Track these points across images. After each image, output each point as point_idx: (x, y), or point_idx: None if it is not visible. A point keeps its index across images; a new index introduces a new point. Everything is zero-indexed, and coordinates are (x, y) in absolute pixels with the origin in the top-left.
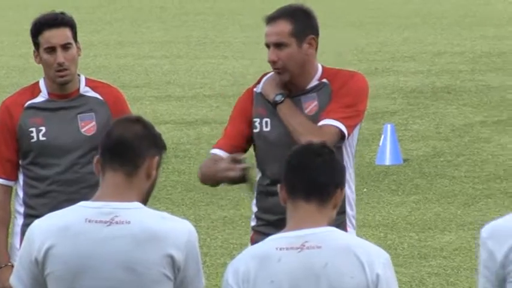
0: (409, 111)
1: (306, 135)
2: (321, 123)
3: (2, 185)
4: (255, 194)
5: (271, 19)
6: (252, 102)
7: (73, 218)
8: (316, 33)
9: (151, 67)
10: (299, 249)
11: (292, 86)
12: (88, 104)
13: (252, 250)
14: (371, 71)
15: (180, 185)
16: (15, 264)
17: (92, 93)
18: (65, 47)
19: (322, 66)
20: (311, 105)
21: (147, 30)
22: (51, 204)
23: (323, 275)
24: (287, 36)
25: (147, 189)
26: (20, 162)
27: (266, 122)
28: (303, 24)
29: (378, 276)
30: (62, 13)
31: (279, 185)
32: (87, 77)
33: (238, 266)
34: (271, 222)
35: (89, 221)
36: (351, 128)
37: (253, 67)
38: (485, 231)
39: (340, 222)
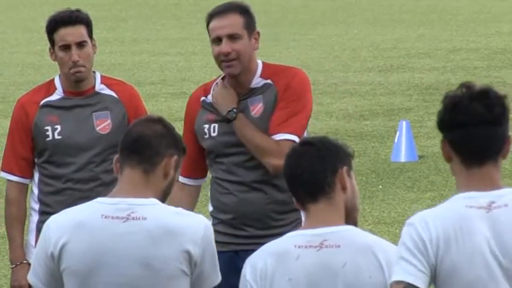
0: (425, 107)
1: (267, 157)
2: (276, 137)
3: (17, 182)
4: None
5: (219, 13)
6: (197, 113)
7: (89, 214)
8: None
9: (167, 64)
10: (318, 248)
11: (237, 83)
12: (103, 102)
13: (270, 246)
14: (386, 67)
15: None
16: (32, 260)
17: (107, 91)
18: (80, 44)
19: (262, 63)
20: (257, 107)
21: (162, 27)
22: (66, 201)
23: (341, 274)
24: (241, 28)
25: (164, 189)
26: (36, 160)
27: (214, 127)
28: (251, 18)
29: None
30: (78, 10)
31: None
32: (103, 74)
33: (256, 262)
34: (223, 221)
35: (105, 217)
36: (303, 132)
37: None
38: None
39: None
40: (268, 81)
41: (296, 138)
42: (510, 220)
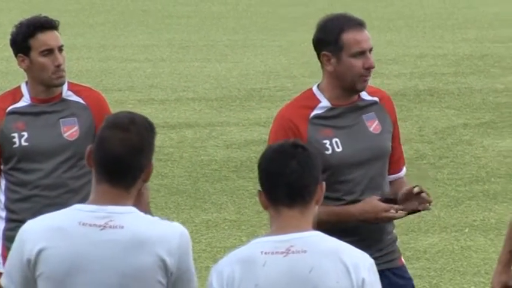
0: None
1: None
2: (402, 174)
3: None
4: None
5: (361, 25)
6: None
7: (67, 221)
8: None
9: (134, 70)
10: (284, 254)
11: (350, 97)
12: (70, 108)
13: (237, 254)
14: None
15: (164, 189)
16: (6, 264)
17: (74, 98)
18: (60, 49)
19: None
20: (374, 124)
21: (129, 34)
22: (33, 208)
23: (308, 279)
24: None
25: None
26: (2, 167)
27: (336, 143)
28: None
29: (363, 280)
30: (47, 17)
31: (258, 191)
32: (70, 80)
33: (223, 269)
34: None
35: (83, 224)
36: None
37: (236, 70)
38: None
39: (395, 238)
40: (375, 99)
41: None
42: None
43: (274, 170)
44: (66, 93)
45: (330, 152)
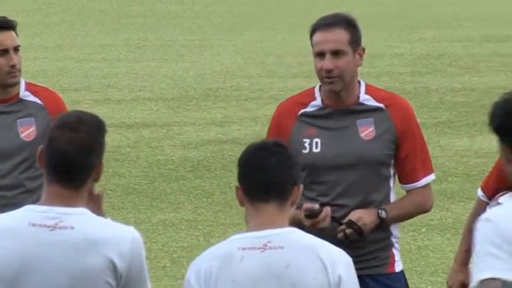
0: None
1: (424, 211)
2: (421, 183)
3: None
4: None
5: (325, 26)
6: (293, 126)
7: (17, 221)
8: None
9: (91, 70)
10: (261, 250)
11: (338, 98)
12: (27, 108)
13: (214, 250)
14: (311, 73)
15: (120, 189)
16: None
17: (31, 98)
18: (16, 49)
19: (364, 82)
20: (367, 130)
21: (86, 34)
22: None
23: (285, 275)
24: (345, 45)
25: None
26: None
27: (316, 143)
28: (356, 34)
29: (339, 277)
30: (4, 17)
31: (235, 186)
32: (27, 81)
33: (200, 265)
34: None
35: (33, 225)
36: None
37: (193, 70)
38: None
39: (384, 246)
40: (381, 105)
41: (433, 175)
42: None
43: (254, 165)
44: (24, 94)
45: (307, 151)
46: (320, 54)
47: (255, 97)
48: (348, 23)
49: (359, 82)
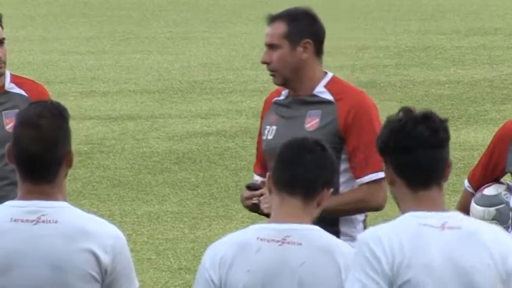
0: None
1: (367, 208)
2: (364, 180)
3: None
4: None
5: (270, 19)
6: (266, 112)
7: None
8: (315, 38)
9: (76, 63)
10: (280, 243)
11: (293, 90)
12: (13, 100)
13: (234, 237)
14: None
15: (106, 181)
16: None
17: (17, 90)
18: (1, 42)
19: (332, 76)
20: (313, 121)
21: (71, 26)
22: None
23: (298, 272)
24: (280, 38)
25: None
26: None
27: (272, 130)
28: (300, 27)
29: None
30: None
31: (267, 174)
32: (13, 73)
33: (217, 250)
34: None
35: (15, 220)
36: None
37: (178, 62)
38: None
39: None
40: (332, 99)
41: (382, 174)
42: (462, 241)
43: (287, 158)
44: (9, 86)
45: (264, 137)
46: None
47: (240, 89)
48: (291, 16)
49: (326, 73)
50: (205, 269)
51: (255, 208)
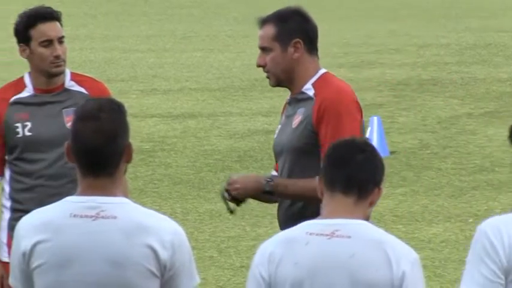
0: (396, 103)
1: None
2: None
3: None
4: None
5: (260, 22)
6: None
7: (58, 213)
8: (305, 36)
9: (137, 61)
10: (329, 237)
11: (289, 89)
12: (73, 98)
13: (283, 233)
14: (357, 63)
15: (167, 179)
16: (10, 263)
17: (77, 88)
18: (60, 40)
19: (323, 72)
20: (297, 119)
21: (132, 24)
22: (37, 198)
23: (348, 264)
24: (270, 41)
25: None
26: (6, 157)
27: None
28: (289, 27)
29: (404, 273)
30: (50, 8)
31: (317, 178)
32: (72, 71)
33: (267, 248)
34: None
35: (74, 216)
36: None
37: (239, 60)
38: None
39: None
40: (312, 95)
41: None
42: None
43: (339, 159)
44: (69, 83)
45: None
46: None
47: None
48: (279, 18)
49: (318, 71)
50: (255, 266)
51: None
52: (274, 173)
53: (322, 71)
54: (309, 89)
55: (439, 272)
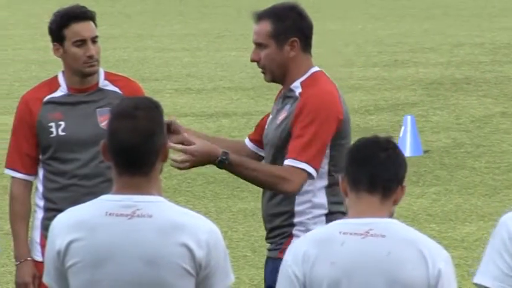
0: (429, 102)
1: (279, 187)
2: (292, 162)
3: (21, 179)
4: None
5: (256, 17)
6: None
7: (93, 212)
8: (301, 35)
9: (171, 60)
10: (363, 236)
11: (282, 85)
12: (107, 98)
13: (315, 233)
14: (391, 62)
15: (201, 178)
16: (44, 262)
17: (111, 87)
18: (94, 40)
19: (314, 71)
20: (282, 115)
21: (166, 23)
22: (71, 198)
23: (386, 262)
24: (266, 38)
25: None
26: (40, 157)
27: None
28: (286, 25)
29: (439, 271)
30: (84, 7)
31: (340, 176)
32: (106, 70)
33: (299, 247)
34: None
35: (109, 214)
36: (317, 162)
37: None
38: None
39: (283, 232)
40: (298, 94)
41: (308, 169)
42: None
43: (362, 157)
44: (103, 83)
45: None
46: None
47: None
48: (276, 15)
49: (310, 68)
50: (287, 265)
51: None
52: (246, 141)
53: (314, 69)
54: (297, 87)
55: (473, 271)
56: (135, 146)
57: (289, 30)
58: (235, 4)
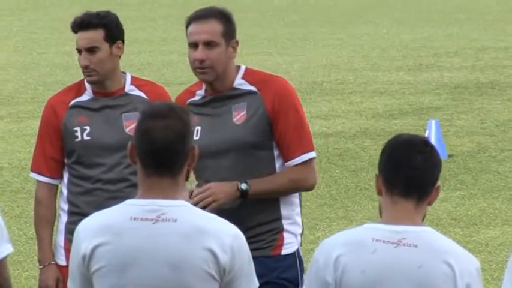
0: (454, 106)
1: (302, 188)
2: (293, 162)
3: (46, 183)
4: None
5: (199, 17)
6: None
7: (118, 216)
8: (236, 38)
9: None
10: (396, 245)
11: (212, 88)
12: (133, 103)
13: (347, 235)
14: (415, 66)
15: None
16: (69, 266)
17: (137, 92)
18: (90, 50)
19: (246, 67)
20: (240, 114)
21: None
22: (95, 202)
23: (416, 275)
24: (218, 36)
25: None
26: (65, 161)
27: (197, 131)
28: (230, 26)
29: (468, 285)
30: (98, 13)
31: (375, 175)
32: (133, 75)
33: (331, 249)
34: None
35: (134, 219)
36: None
37: (297, 63)
38: None
39: (272, 229)
40: (253, 88)
41: (312, 154)
42: None
43: (399, 159)
44: (129, 88)
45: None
46: (193, 45)
47: (359, 90)
48: (223, 16)
49: (239, 67)
50: (320, 269)
51: None
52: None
53: (243, 66)
54: (242, 84)
55: (497, 276)
56: (168, 144)
57: (234, 32)
58: (259, 8)
